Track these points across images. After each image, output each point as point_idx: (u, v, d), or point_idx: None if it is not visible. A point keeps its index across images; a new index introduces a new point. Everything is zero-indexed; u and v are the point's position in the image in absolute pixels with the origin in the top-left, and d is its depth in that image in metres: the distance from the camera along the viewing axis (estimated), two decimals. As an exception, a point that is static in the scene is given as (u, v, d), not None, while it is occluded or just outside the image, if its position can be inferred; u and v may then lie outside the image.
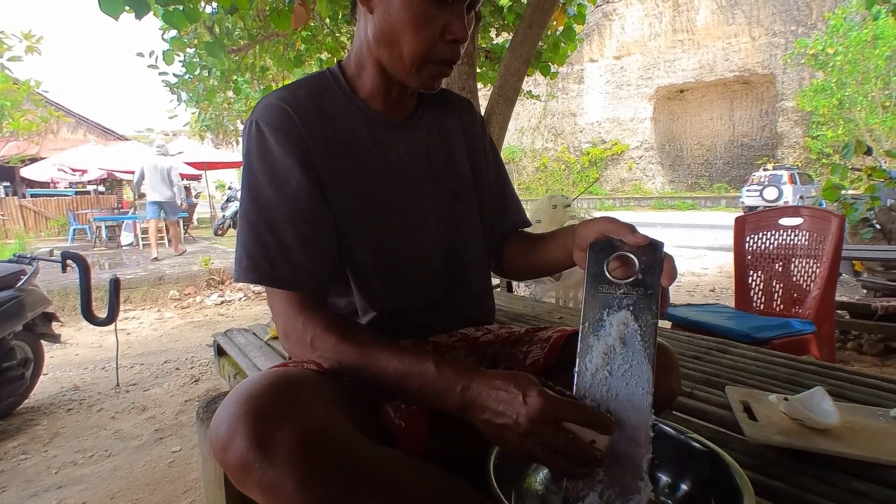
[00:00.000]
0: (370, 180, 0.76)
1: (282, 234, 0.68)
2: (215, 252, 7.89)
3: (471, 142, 0.91)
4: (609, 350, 0.60)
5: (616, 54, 22.70)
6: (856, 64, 14.75)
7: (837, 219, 1.91)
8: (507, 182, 0.98)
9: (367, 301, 0.77)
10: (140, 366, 3.32)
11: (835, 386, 1.01)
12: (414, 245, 0.80)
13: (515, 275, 0.98)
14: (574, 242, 0.71)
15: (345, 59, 0.80)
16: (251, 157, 0.70)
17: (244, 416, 0.48)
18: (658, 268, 0.61)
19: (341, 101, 0.76)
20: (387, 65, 0.73)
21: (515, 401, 0.55)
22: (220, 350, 1.46)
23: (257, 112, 0.71)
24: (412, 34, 0.68)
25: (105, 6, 1.73)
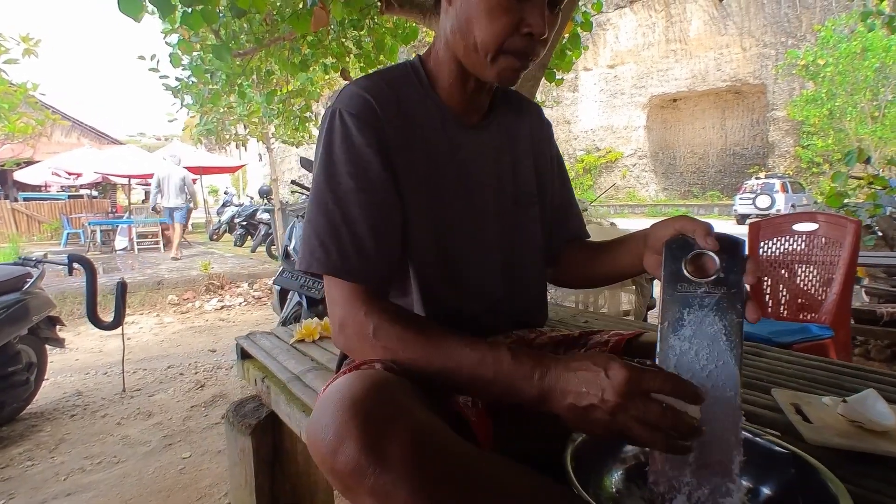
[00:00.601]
0: (441, 178, 0.76)
1: (357, 226, 0.67)
2: (213, 256, 7.82)
3: (538, 147, 0.90)
4: (692, 350, 0.58)
5: (610, 63, 22.94)
6: (845, 75, 15.03)
7: (853, 224, 1.93)
8: (570, 191, 0.98)
9: (425, 300, 0.76)
10: (143, 371, 3.27)
11: (879, 389, 1.01)
12: (475, 248, 0.79)
13: (574, 283, 0.97)
14: (647, 245, 0.70)
15: (427, 50, 0.80)
16: (332, 146, 0.69)
17: (352, 419, 0.47)
18: (741, 265, 0.60)
19: (419, 95, 0.76)
20: (462, 57, 0.73)
21: (599, 377, 0.52)
22: (244, 353, 1.43)
23: (341, 101, 0.71)
24: (488, 23, 0.67)
25: (125, 7, 1.72)
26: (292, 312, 3.03)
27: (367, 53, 3.92)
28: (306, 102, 5.36)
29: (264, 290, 5.72)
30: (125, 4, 1.73)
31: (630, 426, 0.52)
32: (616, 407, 0.51)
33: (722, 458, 0.55)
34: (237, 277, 6.08)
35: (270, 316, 4.70)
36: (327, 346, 1.39)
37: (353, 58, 4.05)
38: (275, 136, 6.53)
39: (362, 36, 3.89)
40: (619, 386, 0.51)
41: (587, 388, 0.53)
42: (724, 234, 0.61)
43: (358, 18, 3.30)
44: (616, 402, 0.51)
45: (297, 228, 3.17)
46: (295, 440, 1.29)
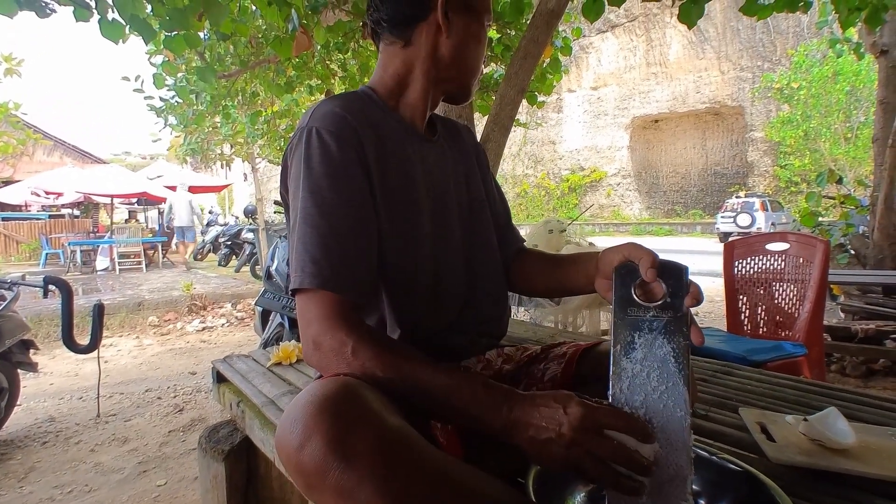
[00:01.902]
0: (412, 189, 0.79)
1: (345, 240, 0.69)
2: (196, 277, 7.73)
3: (478, 160, 0.98)
4: (643, 373, 0.60)
5: (593, 85, 23.46)
6: (819, 98, 15.53)
7: (823, 244, 1.99)
8: (507, 203, 1.04)
9: (394, 311, 0.77)
10: (119, 395, 3.20)
11: (842, 407, 1.04)
12: (444, 255, 0.82)
13: (527, 292, 1.01)
14: (598, 269, 0.74)
15: (373, 80, 0.85)
16: (311, 163, 0.70)
17: (320, 415, 0.48)
18: (684, 291, 0.63)
19: (379, 114, 0.80)
20: (451, 80, 0.83)
21: (557, 413, 0.55)
22: (220, 377, 1.42)
23: (315, 119, 0.73)
24: (478, 53, 0.83)
25: (106, 31, 1.73)
26: (274, 333, 3.00)
27: (351, 75, 3.97)
28: (291, 123, 5.39)
29: (248, 310, 5.66)
30: (107, 29, 1.74)
31: (583, 461, 0.54)
32: (571, 441, 0.54)
33: (674, 478, 0.56)
34: (220, 298, 6.01)
35: (253, 337, 4.64)
36: (304, 370, 1.39)
37: (337, 80, 4.11)
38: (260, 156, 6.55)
39: (347, 58, 3.95)
40: (575, 421, 0.54)
41: (546, 422, 0.56)
42: (669, 262, 0.64)
43: (342, 41, 3.35)
44: (571, 437, 0.54)
45: (280, 249, 3.16)
46: (269, 466, 1.27)
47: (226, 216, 18.30)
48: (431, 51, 0.80)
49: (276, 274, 3.08)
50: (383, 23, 0.81)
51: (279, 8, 2.00)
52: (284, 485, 1.30)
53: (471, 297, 0.85)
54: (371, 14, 0.83)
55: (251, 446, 1.23)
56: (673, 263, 0.65)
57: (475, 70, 0.85)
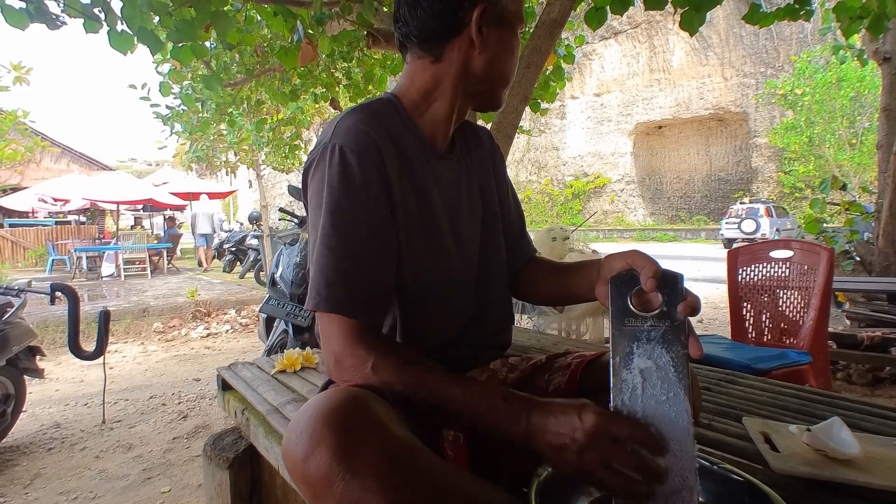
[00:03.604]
0: (429, 207, 0.79)
1: (362, 263, 0.69)
2: (200, 283, 7.77)
3: (495, 168, 0.96)
4: (644, 384, 0.61)
5: (596, 91, 23.51)
6: (823, 104, 15.50)
7: (827, 252, 1.98)
8: (522, 210, 1.03)
9: (404, 322, 0.77)
10: (125, 401, 3.21)
11: (846, 416, 1.04)
12: (456, 271, 0.82)
13: (532, 299, 1.01)
14: (598, 277, 0.74)
15: (399, 89, 0.82)
16: (333, 182, 0.69)
17: (327, 426, 0.48)
18: (680, 299, 0.63)
19: (401, 127, 0.78)
20: (482, 93, 0.81)
21: (572, 419, 0.57)
22: (225, 384, 1.42)
23: (338, 135, 0.71)
24: (511, 63, 0.82)
25: (115, 43, 1.76)
26: (278, 340, 3.01)
27: (356, 84, 4.00)
28: (296, 130, 5.43)
29: (252, 316, 5.67)
30: (115, 41, 1.77)
31: (596, 467, 0.55)
32: (585, 447, 0.55)
33: (679, 488, 0.57)
34: (224, 304, 6.03)
35: (257, 343, 4.65)
36: (308, 377, 1.39)
37: (342, 88, 4.13)
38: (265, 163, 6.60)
39: (352, 67, 3.98)
40: (589, 428, 0.56)
41: (562, 428, 0.58)
42: (665, 270, 0.64)
43: (347, 50, 3.38)
44: (585, 443, 0.55)
45: (285, 256, 3.17)
46: (274, 474, 1.28)
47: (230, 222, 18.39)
48: (463, 66, 0.78)
49: (280, 281, 3.10)
50: (413, 37, 0.78)
51: (285, 19, 2.02)
52: (289, 493, 1.30)
53: (479, 310, 0.86)
54: (400, 28, 0.80)
55: (256, 454, 1.23)
56: (668, 272, 0.65)
57: (508, 80, 0.83)
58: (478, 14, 0.75)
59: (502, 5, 0.77)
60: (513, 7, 0.79)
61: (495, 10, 0.77)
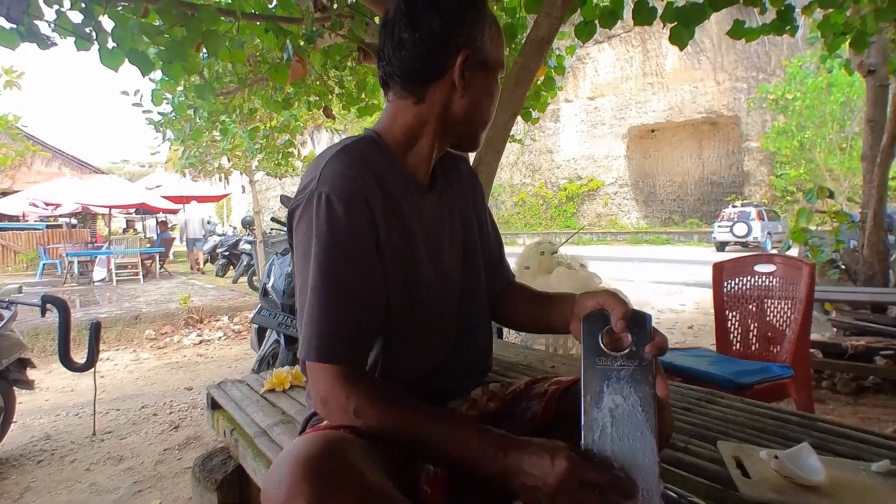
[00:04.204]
0: (413, 245, 0.80)
1: (350, 312, 0.70)
2: (193, 288, 7.75)
3: (474, 198, 0.99)
4: (613, 423, 0.64)
5: (590, 95, 23.63)
6: (813, 108, 15.63)
7: (808, 267, 2.02)
8: (500, 237, 1.06)
9: (385, 355, 0.80)
10: (116, 412, 3.21)
11: (818, 438, 1.07)
12: (439, 306, 0.84)
13: (510, 325, 1.04)
14: (573, 314, 0.77)
15: (381, 127, 0.83)
16: (321, 232, 0.70)
17: (304, 477, 0.51)
18: (648, 339, 0.66)
19: (385, 166, 0.79)
20: (461, 133, 0.83)
21: (545, 463, 0.60)
22: (214, 403, 1.44)
23: (324, 182, 0.72)
24: (491, 106, 0.84)
25: (106, 60, 1.77)
26: (270, 350, 3.02)
27: (349, 92, 4.02)
28: (290, 137, 5.44)
29: (244, 323, 5.67)
30: (106, 58, 1.79)
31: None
32: (554, 492, 0.59)
33: None
34: (217, 311, 6.02)
35: (250, 351, 4.65)
36: (297, 396, 1.41)
37: (335, 96, 4.15)
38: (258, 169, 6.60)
39: (344, 76, 4.00)
40: (560, 474, 0.59)
41: (535, 471, 0.61)
42: (634, 311, 0.67)
43: (340, 59, 3.40)
44: (555, 487, 0.59)
45: (276, 266, 3.18)
46: (262, 493, 1.30)
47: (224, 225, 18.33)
48: (444, 108, 0.80)
49: (272, 291, 3.10)
50: (396, 77, 0.79)
51: (276, 35, 2.04)
52: (277, 512, 1.32)
53: (460, 341, 0.88)
54: (383, 66, 0.81)
55: (245, 475, 1.25)
56: (637, 312, 0.68)
57: (487, 122, 0.85)
58: (461, 59, 0.76)
59: (485, 51, 0.79)
60: (494, 53, 0.81)
61: (478, 56, 0.78)
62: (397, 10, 0.77)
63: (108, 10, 1.66)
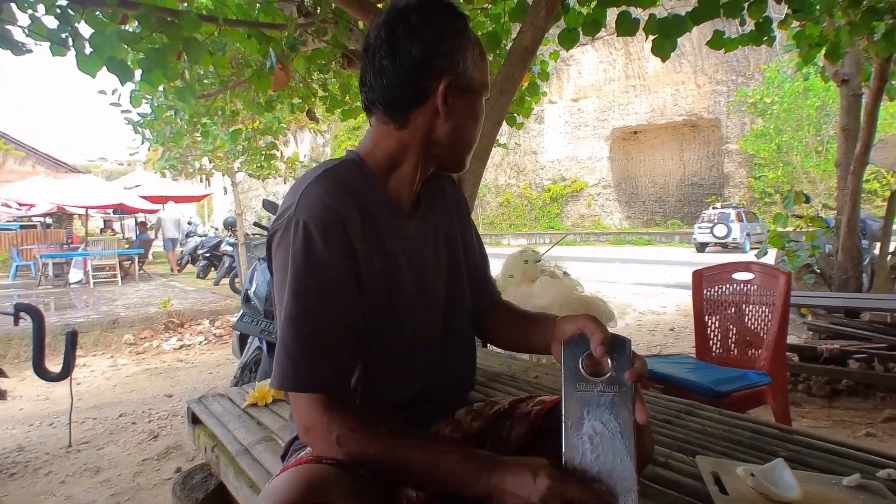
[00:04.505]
0: (395, 269, 0.80)
1: (327, 340, 0.70)
2: (173, 291, 7.62)
3: (460, 216, 0.98)
4: (593, 449, 0.65)
5: (574, 97, 23.85)
6: (790, 112, 16.01)
7: (784, 276, 2.07)
8: (486, 256, 1.06)
9: (367, 379, 0.79)
10: (92, 420, 3.14)
11: (793, 451, 1.09)
12: (422, 327, 0.84)
13: (493, 343, 1.04)
14: (553, 336, 0.77)
15: (363, 149, 0.83)
16: (297, 259, 0.70)
17: None
18: (628, 364, 0.67)
19: (367, 189, 0.78)
20: (446, 157, 0.83)
21: (528, 481, 0.62)
22: (195, 418, 1.42)
23: (302, 210, 0.71)
24: (476, 129, 0.84)
25: (83, 66, 1.73)
26: (252, 357, 2.99)
27: (333, 95, 3.99)
28: (273, 139, 5.38)
29: (226, 327, 5.59)
30: (83, 64, 1.74)
31: None
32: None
33: None
34: (198, 314, 5.93)
35: (231, 357, 4.58)
36: (279, 411, 1.40)
37: (318, 99, 4.12)
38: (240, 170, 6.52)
39: (328, 79, 3.97)
40: (543, 491, 0.60)
41: (519, 490, 0.62)
42: (614, 335, 0.68)
43: (324, 63, 3.38)
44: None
45: (259, 272, 3.15)
46: (244, 511, 1.28)
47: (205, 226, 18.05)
48: (428, 133, 0.79)
49: (254, 297, 3.07)
50: (378, 104, 0.78)
51: (259, 42, 2.01)
52: (259, 529, 1.30)
53: (444, 363, 0.88)
54: (365, 92, 0.80)
55: (226, 492, 1.23)
56: (616, 337, 0.69)
57: (472, 145, 0.85)
58: (444, 86, 0.76)
59: (468, 76, 0.78)
60: (478, 76, 0.80)
61: (461, 81, 0.77)
62: (378, 36, 0.75)
63: (84, 16, 1.62)
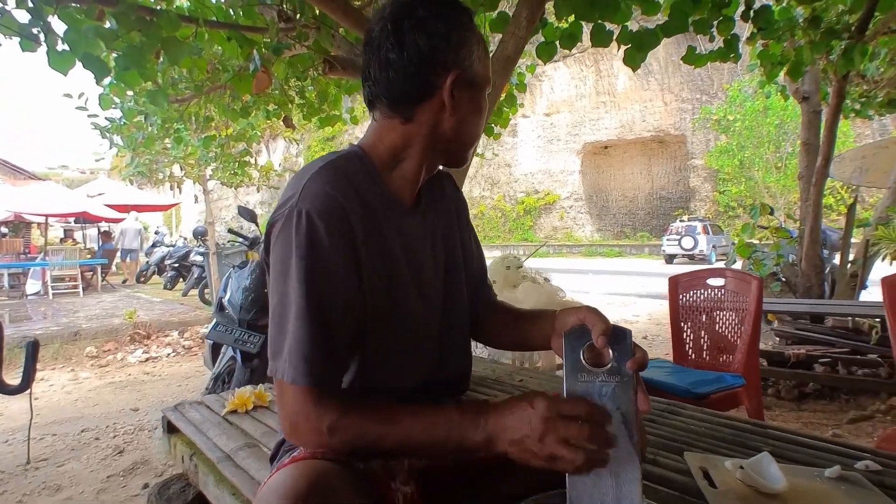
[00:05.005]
0: (394, 265, 0.79)
1: (333, 333, 0.69)
2: (139, 301, 7.36)
3: (458, 216, 0.98)
4: None
5: (546, 111, 24.36)
6: (752, 130, 16.73)
7: (756, 281, 2.14)
8: (484, 257, 1.05)
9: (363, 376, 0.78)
10: (52, 436, 2.98)
11: (774, 446, 1.12)
12: (420, 325, 0.83)
13: (491, 344, 1.04)
14: (553, 330, 0.78)
15: (367, 143, 0.82)
16: (300, 250, 0.68)
17: None
18: (629, 355, 0.67)
19: (368, 184, 0.77)
20: (450, 151, 0.83)
21: (525, 411, 0.63)
22: (171, 427, 1.36)
23: (305, 200, 0.70)
24: (480, 123, 0.83)
25: (55, 63, 1.68)
26: (225, 368, 2.90)
27: (310, 102, 3.96)
28: (246, 146, 5.29)
29: (196, 339, 5.42)
30: (55, 61, 1.69)
31: (556, 447, 0.60)
32: (543, 432, 0.60)
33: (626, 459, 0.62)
34: (166, 325, 5.74)
35: (201, 368, 4.44)
36: (261, 417, 1.36)
37: (295, 106, 4.08)
38: (213, 178, 6.38)
39: (305, 86, 3.94)
40: (542, 412, 0.61)
41: (518, 422, 0.63)
42: (615, 326, 0.69)
43: (303, 70, 3.35)
44: (542, 428, 0.61)
45: (234, 279, 3.07)
46: (224, 522, 1.23)
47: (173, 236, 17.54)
48: (433, 128, 0.79)
49: (228, 305, 2.98)
50: (383, 98, 0.78)
51: (240, 45, 1.99)
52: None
53: (440, 361, 0.87)
54: (369, 87, 0.78)
55: (205, 502, 1.19)
56: (618, 328, 0.69)
57: (476, 140, 0.85)
58: (451, 79, 0.75)
59: (473, 70, 0.78)
60: (483, 71, 0.80)
61: (467, 75, 0.77)
62: (383, 29, 0.75)
63: (58, 11, 1.57)
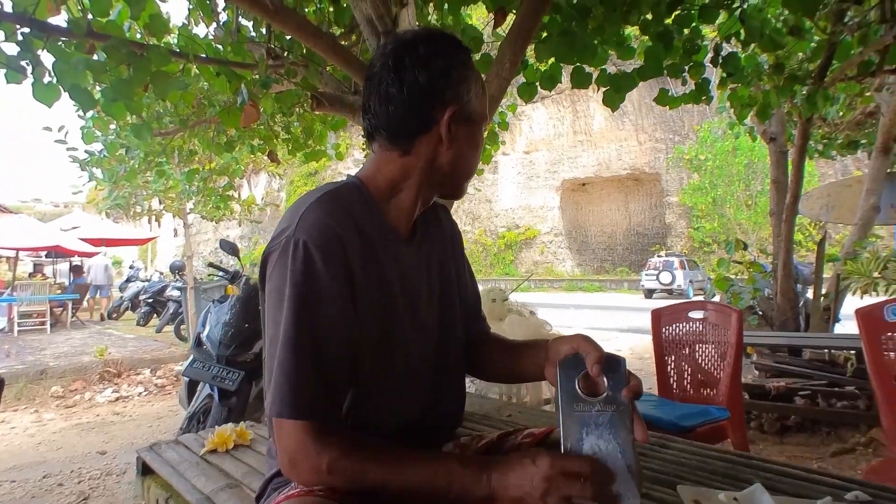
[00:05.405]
0: (390, 296, 0.78)
1: (326, 366, 0.69)
2: (111, 338, 7.10)
3: (453, 246, 0.98)
4: None
5: (526, 149, 25.03)
6: (723, 169, 17.43)
7: (736, 313, 2.18)
8: (477, 287, 1.05)
9: (358, 410, 0.76)
10: (10, 483, 2.80)
11: (765, 478, 1.12)
12: (415, 357, 0.82)
13: (483, 377, 1.03)
14: (547, 359, 0.78)
15: (365, 175, 0.82)
16: (296, 280, 0.68)
17: None
18: (623, 383, 0.68)
19: (365, 214, 0.78)
20: (446, 184, 0.84)
21: (528, 468, 0.63)
22: (145, 468, 1.30)
23: (303, 230, 0.70)
24: (476, 157, 0.85)
25: (40, 95, 1.67)
26: (202, 406, 2.79)
27: (295, 138, 3.99)
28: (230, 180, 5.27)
29: (170, 377, 5.23)
30: (41, 93, 1.68)
31: None
32: (545, 490, 0.61)
33: None
34: (138, 363, 5.53)
35: (175, 408, 4.26)
36: (242, 457, 1.30)
37: (280, 141, 4.10)
38: (193, 212, 6.31)
39: (291, 121, 3.98)
40: (544, 470, 0.61)
41: (521, 480, 0.63)
42: (609, 354, 0.69)
43: (290, 106, 3.40)
44: (544, 486, 0.61)
45: (213, 314, 3.00)
46: (200, 570, 1.16)
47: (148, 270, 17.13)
48: (430, 160, 0.80)
49: (206, 341, 2.90)
50: (382, 131, 0.79)
51: (228, 80, 2.01)
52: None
53: (435, 394, 0.86)
54: (369, 119, 0.80)
55: (180, 550, 1.12)
56: (611, 356, 0.70)
57: (471, 173, 0.86)
58: (449, 114, 0.77)
59: (471, 106, 0.81)
60: (479, 107, 0.83)
61: (465, 110, 0.79)
62: (384, 65, 0.77)
63: (48, 46, 1.58)
